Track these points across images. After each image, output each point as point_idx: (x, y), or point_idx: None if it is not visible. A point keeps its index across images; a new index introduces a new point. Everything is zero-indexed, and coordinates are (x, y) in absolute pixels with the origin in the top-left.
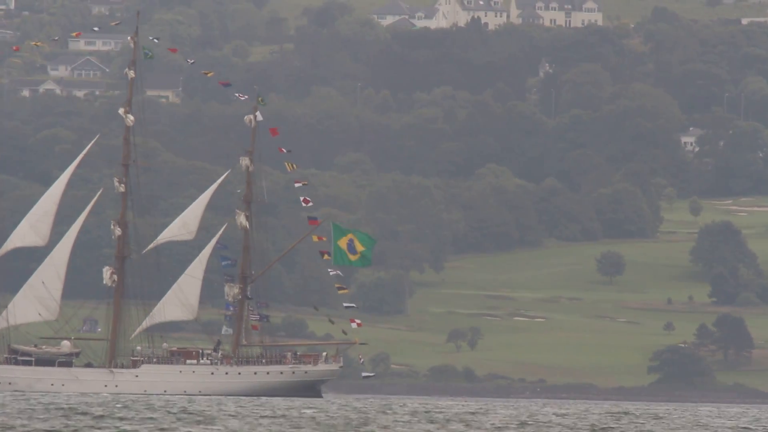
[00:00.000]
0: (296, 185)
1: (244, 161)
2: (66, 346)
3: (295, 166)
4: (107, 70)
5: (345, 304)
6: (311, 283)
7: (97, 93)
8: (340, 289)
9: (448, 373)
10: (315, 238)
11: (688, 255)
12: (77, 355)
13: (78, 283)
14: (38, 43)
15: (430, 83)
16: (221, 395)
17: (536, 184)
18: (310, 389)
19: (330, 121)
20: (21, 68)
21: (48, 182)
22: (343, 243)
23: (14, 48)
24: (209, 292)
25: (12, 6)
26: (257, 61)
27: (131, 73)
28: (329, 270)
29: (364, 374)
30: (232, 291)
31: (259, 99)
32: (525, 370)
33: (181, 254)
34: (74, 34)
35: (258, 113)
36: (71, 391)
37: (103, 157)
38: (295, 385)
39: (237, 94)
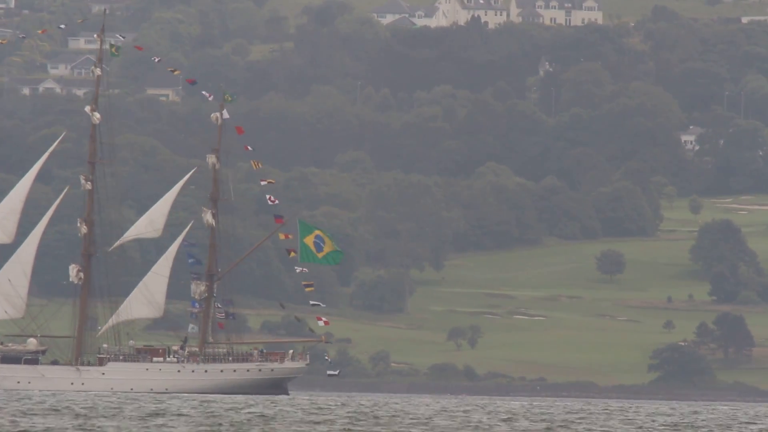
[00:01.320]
0: (262, 183)
1: (211, 159)
2: (32, 343)
3: (260, 164)
4: (107, 69)
5: (311, 302)
6: (312, 281)
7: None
8: (306, 286)
9: (448, 371)
10: (282, 236)
11: (688, 253)
12: (43, 352)
13: (44, 280)
14: (43, 31)
15: (430, 82)
16: (188, 393)
17: (536, 182)
18: (276, 387)
19: (330, 120)
20: (21, 67)
21: (47, 181)
22: (309, 241)
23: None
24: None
25: (12, 4)
26: (257, 60)
27: (97, 71)
28: (296, 268)
29: (329, 372)
30: (198, 289)
31: (226, 97)
32: (525, 368)
33: (147, 252)
34: (40, 31)
35: (224, 111)
36: (37, 388)
37: (72, 155)
38: (261, 382)
39: (204, 93)
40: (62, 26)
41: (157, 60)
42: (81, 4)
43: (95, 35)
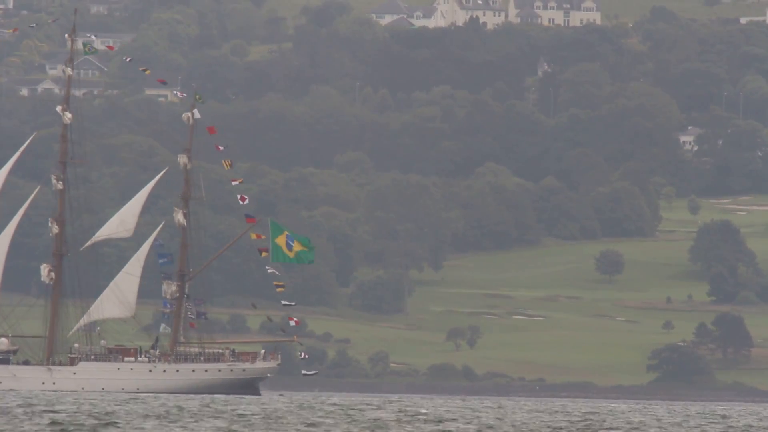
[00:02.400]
0: (233, 183)
1: (182, 159)
2: (3, 343)
3: (231, 164)
4: (106, 69)
5: (283, 302)
6: (309, 281)
7: (96, 92)
8: (277, 286)
9: (447, 371)
10: (253, 236)
11: (687, 254)
12: (15, 352)
13: (15, 280)
14: (52, 21)
15: (429, 82)
16: (159, 393)
17: (535, 183)
18: (248, 387)
19: (329, 120)
20: (19, 67)
21: (47, 182)
22: (281, 240)
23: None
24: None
25: (10, 5)
26: (256, 61)
27: (68, 71)
28: (267, 267)
29: (304, 372)
30: (169, 289)
31: (197, 97)
32: (524, 368)
33: (119, 251)
34: (10, 30)
35: (196, 111)
36: (8, 388)
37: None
38: (233, 382)
39: (175, 92)
40: (52, 20)
41: (128, 59)
42: (79, 5)
43: (66, 35)
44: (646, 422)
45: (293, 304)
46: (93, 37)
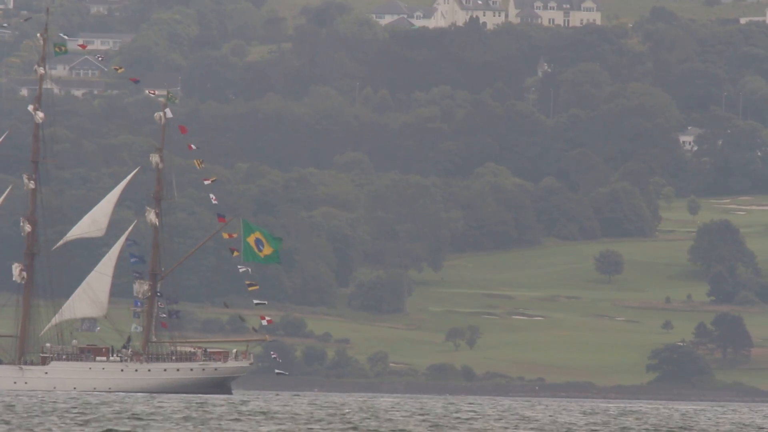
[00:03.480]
0: (205, 182)
1: (154, 158)
2: None
3: (203, 163)
4: (105, 70)
5: (255, 301)
6: (311, 281)
7: (96, 92)
8: (250, 285)
9: (447, 371)
10: (225, 235)
11: (686, 254)
12: None
13: None
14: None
15: (429, 83)
16: (131, 392)
17: (535, 183)
18: (220, 386)
19: (328, 121)
20: (19, 67)
21: (46, 182)
22: (252, 240)
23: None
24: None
25: (11, 5)
26: (256, 61)
27: (40, 70)
28: (239, 267)
29: (277, 371)
30: (141, 288)
31: (170, 95)
32: (524, 368)
33: (91, 251)
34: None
35: (167, 110)
36: None
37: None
38: (204, 381)
39: (148, 91)
40: (26, 17)
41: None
42: (80, 5)
43: (38, 34)
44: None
45: (266, 302)
46: (65, 36)
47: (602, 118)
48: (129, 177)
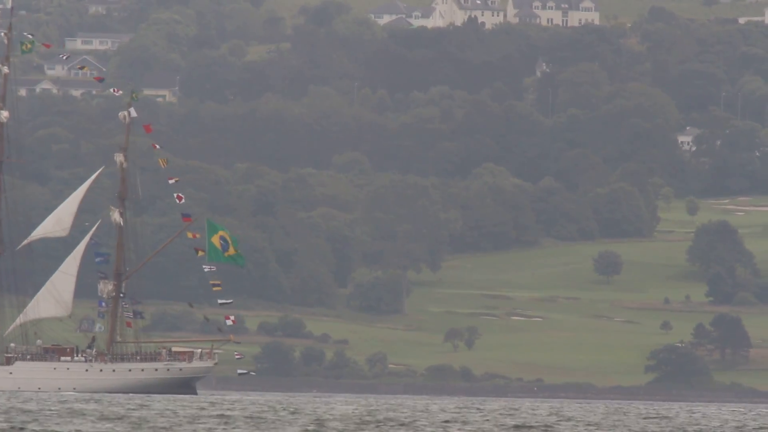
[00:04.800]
0: (170, 182)
1: (119, 158)
2: None
3: (167, 162)
4: (104, 70)
5: (220, 301)
6: (310, 282)
7: (94, 92)
8: (214, 285)
9: (445, 372)
10: (190, 235)
11: (685, 254)
12: None
13: None
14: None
15: (428, 83)
16: (96, 392)
17: (533, 183)
18: (184, 386)
19: (327, 121)
20: (18, 67)
21: (45, 182)
22: (216, 240)
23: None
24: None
25: (8, 5)
26: (254, 61)
27: (5, 69)
28: (204, 266)
29: (239, 371)
30: (106, 288)
31: (133, 94)
32: (522, 369)
33: (55, 251)
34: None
35: (132, 109)
36: None
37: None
38: (169, 381)
39: (112, 90)
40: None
41: (65, 57)
42: (78, 5)
43: (2, 33)
44: None
45: (230, 301)
46: (30, 36)
47: (601, 118)
48: (93, 177)
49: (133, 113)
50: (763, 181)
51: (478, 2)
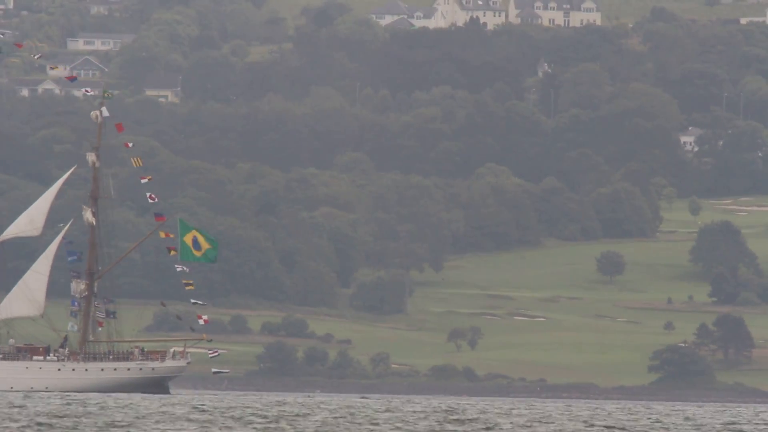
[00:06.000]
0: (142, 181)
1: (91, 157)
2: None
3: (140, 161)
4: (106, 70)
5: (192, 301)
6: (312, 282)
7: (96, 93)
8: (186, 285)
9: (448, 372)
10: (162, 235)
11: (687, 255)
12: None
13: None
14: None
15: (429, 83)
16: (68, 391)
17: (535, 183)
18: (157, 385)
19: (329, 121)
20: (20, 68)
21: (47, 182)
22: (188, 239)
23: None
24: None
25: (11, 5)
26: (256, 61)
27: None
28: (176, 266)
29: (214, 370)
30: (78, 287)
31: (106, 94)
32: (525, 369)
33: (27, 250)
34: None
35: (104, 108)
36: None
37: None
38: (142, 381)
39: (85, 90)
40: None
41: (37, 57)
42: (80, 6)
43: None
44: None
45: (201, 302)
46: (0, 35)
47: (603, 118)
48: (65, 176)
49: (105, 113)
50: (765, 181)
51: (480, 3)
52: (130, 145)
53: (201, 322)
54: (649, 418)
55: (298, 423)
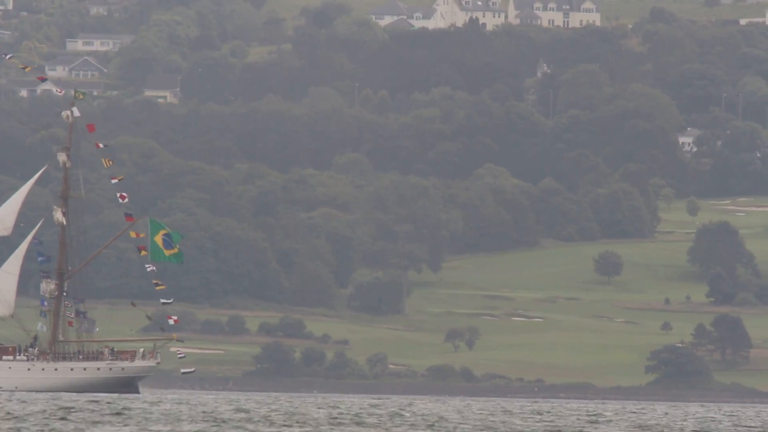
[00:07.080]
0: (113, 182)
1: (61, 157)
2: None
3: (111, 162)
4: (105, 71)
5: (162, 300)
6: (310, 282)
7: (96, 93)
8: (156, 285)
9: (446, 373)
10: (133, 234)
11: (685, 255)
12: None
13: None
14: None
15: (428, 84)
16: (38, 391)
17: (534, 184)
18: (127, 385)
19: (328, 122)
20: (19, 69)
21: (46, 182)
22: (159, 239)
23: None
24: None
25: (10, 6)
26: (255, 62)
27: None
28: (146, 266)
29: (183, 370)
30: (48, 287)
31: (78, 94)
32: (523, 369)
33: None
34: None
35: (75, 108)
36: None
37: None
38: (112, 381)
39: (56, 89)
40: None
41: (8, 57)
42: (79, 6)
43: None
44: None
45: (171, 301)
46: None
47: (602, 119)
48: (36, 176)
49: (77, 113)
50: (763, 182)
51: (479, 3)
52: (101, 145)
53: (171, 321)
54: None
55: None
